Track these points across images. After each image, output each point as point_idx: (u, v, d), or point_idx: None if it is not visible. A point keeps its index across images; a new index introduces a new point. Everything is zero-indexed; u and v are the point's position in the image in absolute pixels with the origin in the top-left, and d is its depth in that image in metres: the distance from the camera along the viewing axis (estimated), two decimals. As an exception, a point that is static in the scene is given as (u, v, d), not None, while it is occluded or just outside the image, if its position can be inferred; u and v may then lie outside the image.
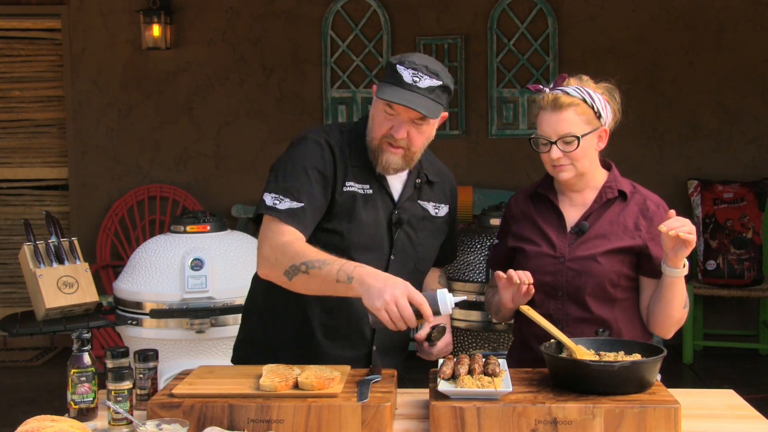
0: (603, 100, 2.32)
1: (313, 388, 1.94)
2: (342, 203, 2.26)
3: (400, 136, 2.21)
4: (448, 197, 2.46)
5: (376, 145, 2.25)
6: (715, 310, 6.00)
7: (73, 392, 1.99)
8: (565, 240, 2.35)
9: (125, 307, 3.95)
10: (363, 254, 2.24)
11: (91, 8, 6.34)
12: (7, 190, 6.60)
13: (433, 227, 2.39)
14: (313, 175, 2.22)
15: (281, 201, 2.19)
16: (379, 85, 2.23)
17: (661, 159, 6.21)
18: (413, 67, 2.19)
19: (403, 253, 2.32)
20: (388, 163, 2.25)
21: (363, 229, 2.27)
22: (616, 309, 2.34)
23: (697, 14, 6.17)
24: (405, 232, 2.33)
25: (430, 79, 2.20)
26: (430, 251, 2.41)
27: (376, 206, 2.29)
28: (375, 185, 2.30)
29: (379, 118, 2.24)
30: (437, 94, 2.21)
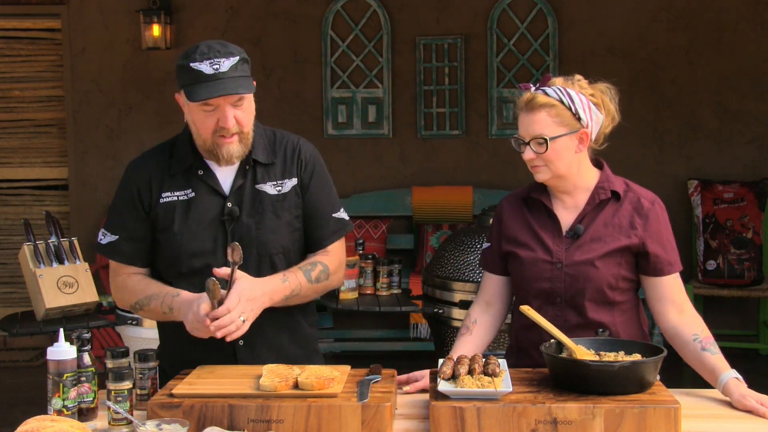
0: (586, 101, 2.27)
1: (313, 388, 1.94)
2: (162, 215, 2.31)
3: (230, 124, 2.20)
4: (293, 171, 2.36)
5: (210, 143, 2.25)
6: (715, 310, 6.00)
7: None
8: (561, 245, 2.32)
9: (125, 307, 3.95)
10: (197, 257, 2.28)
11: (91, 8, 6.35)
12: (7, 190, 6.60)
13: (274, 207, 2.32)
14: (124, 205, 2.34)
15: (105, 236, 2.37)
16: (184, 90, 2.22)
17: (661, 159, 6.21)
18: (206, 57, 2.18)
19: (242, 244, 2.24)
20: (230, 154, 2.25)
21: (189, 234, 2.29)
22: (615, 312, 2.33)
23: (697, 14, 6.17)
24: (241, 221, 2.29)
25: (227, 59, 2.20)
26: (276, 233, 2.31)
27: (201, 207, 2.30)
28: (198, 187, 2.31)
29: (200, 118, 2.23)
30: (241, 69, 2.22)
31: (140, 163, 2.38)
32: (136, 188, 2.33)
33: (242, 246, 2.22)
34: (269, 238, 2.31)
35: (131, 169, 2.38)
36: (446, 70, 6.31)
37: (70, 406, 1.97)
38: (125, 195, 2.35)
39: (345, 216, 2.44)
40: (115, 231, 2.34)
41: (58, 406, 1.95)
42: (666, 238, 2.31)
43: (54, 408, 1.95)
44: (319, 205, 2.38)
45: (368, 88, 6.35)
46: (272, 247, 2.32)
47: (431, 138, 6.30)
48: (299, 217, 2.36)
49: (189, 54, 2.21)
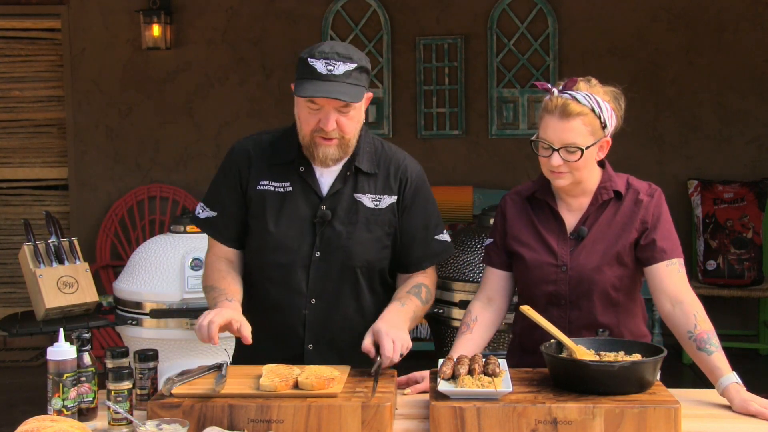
0: (610, 108, 2.26)
1: (313, 388, 1.94)
2: (255, 202, 2.32)
3: (330, 128, 2.20)
4: (395, 188, 2.35)
5: (308, 141, 2.25)
6: (715, 310, 5.96)
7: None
8: (566, 247, 2.31)
9: (125, 307, 3.95)
10: (281, 252, 2.29)
11: (91, 8, 6.34)
12: (7, 190, 6.60)
13: (368, 220, 2.31)
14: (225, 183, 2.36)
15: (203, 210, 2.40)
16: (296, 82, 2.22)
17: (661, 159, 6.20)
18: (325, 57, 2.19)
19: (328, 249, 2.28)
20: (325, 156, 2.25)
21: (280, 227, 2.29)
22: (618, 312, 2.33)
23: (697, 14, 6.17)
24: (333, 227, 2.29)
25: (344, 64, 2.19)
26: (362, 246, 2.30)
27: (295, 203, 2.30)
28: (297, 182, 2.31)
29: (304, 114, 2.23)
30: (355, 77, 2.21)
31: (246, 144, 2.38)
32: (237, 168, 2.34)
33: (329, 251, 2.27)
34: (357, 250, 2.30)
35: (236, 149, 2.38)
36: (446, 70, 6.31)
37: (70, 406, 1.97)
38: (228, 173, 2.36)
39: (448, 239, 2.43)
40: (215, 207, 2.37)
41: (58, 406, 1.95)
42: (662, 225, 2.29)
43: (54, 408, 1.95)
44: (422, 226, 2.37)
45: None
46: (358, 259, 2.31)
47: (431, 138, 6.30)
48: (390, 235, 2.34)
49: (312, 49, 2.22)
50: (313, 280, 2.29)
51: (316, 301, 2.31)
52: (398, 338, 2.14)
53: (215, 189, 2.38)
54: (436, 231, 2.40)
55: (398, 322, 2.21)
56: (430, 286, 2.39)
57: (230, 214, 2.34)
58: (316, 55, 2.19)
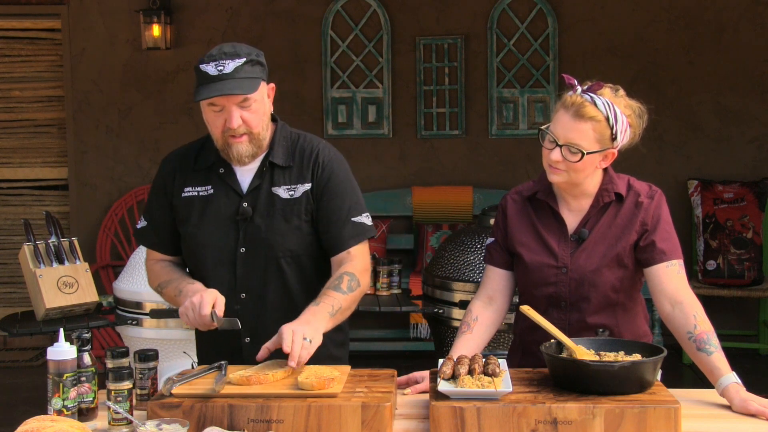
0: (626, 122, 2.25)
1: (313, 388, 1.94)
2: (181, 209, 2.40)
3: (236, 124, 2.26)
4: (308, 175, 2.37)
5: (222, 143, 2.32)
6: (715, 310, 5.98)
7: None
8: (566, 249, 2.31)
9: (125, 307, 3.95)
10: (210, 251, 2.37)
11: (91, 8, 6.34)
12: (7, 190, 6.60)
13: (284, 211, 2.35)
14: (155, 195, 2.46)
15: (140, 221, 2.51)
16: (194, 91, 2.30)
17: (661, 159, 6.21)
18: (213, 59, 2.27)
19: (252, 244, 2.35)
20: (239, 154, 2.32)
21: (204, 228, 2.37)
22: (618, 313, 2.33)
23: (697, 14, 6.18)
24: (254, 222, 2.35)
25: (233, 61, 2.26)
26: (281, 237, 2.34)
27: (217, 204, 2.37)
28: (218, 184, 2.38)
29: (211, 118, 2.31)
30: (247, 71, 2.27)
31: (171, 157, 2.49)
32: (163, 180, 2.44)
33: (252, 247, 2.34)
34: (277, 241, 2.34)
35: (164, 161, 2.49)
36: (446, 70, 6.31)
37: (70, 406, 1.97)
38: (156, 185, 2.47)
39: (367, 221, 2.42)
40: (146, 218, 2.48)
41: (58, 406, 1.95)
42: (661, 227, 2.29)
43: (54, 408, 1.95)
44: (336, 209, 2.37)
45: (368, 88, 6.35)
46: (279, 249, 2.35)
47: (431, 138, 6.30)
48: (309, 222, 2.37)
49: (203, 56, 2.30)
50: (240, 275, 2.36)
51: (245, 296, 2.37)
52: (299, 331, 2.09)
53: (148, 200, 2.50)
54: (352, 213, 2.39)
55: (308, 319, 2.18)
56: (355, 272, 2.33)
57: (159, 223, 2.45)
58: (205, 61, 2.28)
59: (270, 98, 2.37)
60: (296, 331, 2.10)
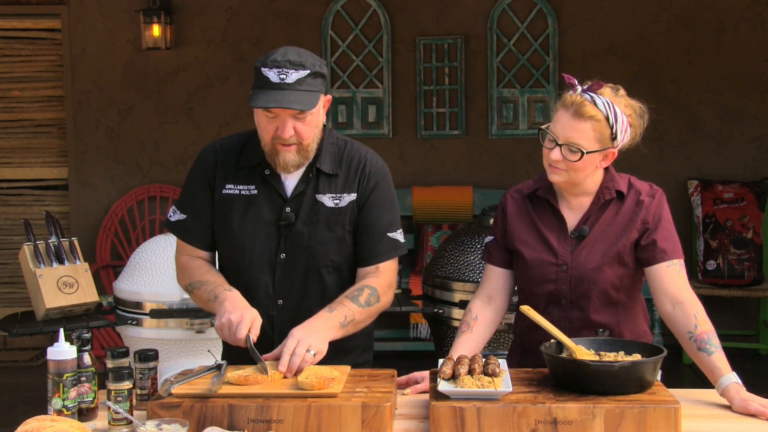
0: (626, 122, 2.25)
1: (313, 388, 1.94)
2: (220, 205, 2.35)
3: (287, 135, 2.22)
4: (354, 186, 2.35)
5: (270, 148, 2.28)
6: (715, 310, 5.99)
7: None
8: (566, 246, 2.31)
9: (125, 307, 3.95)
10: (250, 254, 2.32)
11: (91, 8, 6.34)
12: (7, 190, 6.60)
13: (328, 220, 2.32)
14: (196, 186, 2.38)
15: (174, 213, 2.42)
16: (251, 92, 2.25)
17: (661, 159, 6.21)
18: (276, 66, 2.21)
19: (293, 250, 2.31)
20: (285, 163, 2.27)
21: (245, 230, 2.32)
22: (619, 312, 2.33)
23: (697, 14, 6.18)
24: (297, 229, 2.31)
25: (296, 71, 2.21)
26: (324, 246, 2.32)
27: (260, 206, 2.32)
28: (262, 186, 2.33)
29: (263, 123, 2.26)
30: (309, 84, 2.22)
31: (213, 148, 2.41)
32: (205, 171, 2.37)
33: (293, 253, 2.30)
34: (319, 250, 2.32)
35: (205, 152, 2.41)
36: (446, 70, 6.31)
37: (70, 406, 1.97)
38: (197, 176, 2.38)
39: (401, 238, 2.40)
40: (185, 210, 2.39)
41: (58, 406, 1.95)
42: (663, 226, 2.29)
43: (54, 408, 1.95)
44: (375, 222, 2.35)
45: (368, 88, 6.35)
46: (320, 259, 2.33)
47: (431, 138, 6.30)
48: (353, 233, 2.35)
49: (266, 57, 2.24)
50: (279, 281, 2.32)
51: (283, 302, 2.33)
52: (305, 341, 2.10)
53: (185, 192, 2.41)
54: (390, 228, 2.37)
55: (318, 327, 2.17)
56: (378, 287, 2.32)
57: (201, 217, 2.37)
58: (268, 65, 2.21)
59: (325, 109, 2.32)
60: (302, 342, 2.09)
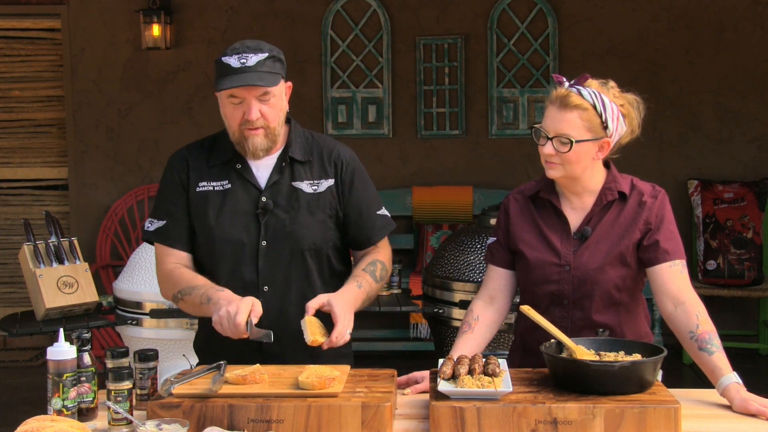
0: (617, 111, 2.26)
1: (314, 387, 1.94)
2: (196, 204, 2.39)
3: (254, 116, 2.29)
4: (330, 172, 2.44)
5: (238, 135, 2.34)
6: (715, 310, 5.96)
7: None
8: (569, 246, 2.31)
9: (125, 307, 3.95)
10: (229, 245, 2.36)
11: (91, 8, 6.34)
12: (7, 190, 6.60)
13: (309, 205, 2.39)
14: (169, 191, 2.43)
15: (152, 223, 2.44)
16: (215, 82, 2.32)
17: (661, 159, 6.21)
18: (236, 52, 2.30)
19: (274, 237, 2.36)
20: (254, 146, 2.33)
21: (223, 223, 2.36)
22: (620, 312, 2.33)
23: (697, 14, 6.18)
24: (276, 216, 2.36)
25: (255, 55, 2.29)
26: (307, 230, 2.38)
27: (235, 199, 2.37)
28: (236, 179, 2.39)
29: (229, 110, 2.33)
30: (269, 66, 2.31)
31: (182, 152, 2.47)
32: (178, 176, 2.42)
33: (275, 240, 2.34)
34: (303, 234, 2.37)
35: (174, 158, 2.47)
36: (446, 70, 6.31)
37: (70, 406, 1.97)
38: (170, 180, 2.44)
39: (387, 213, 2.54)
40: (163, 216, 2.42)
41: (58, 406, 1.95)
42: (665, 227, 2.30)
43: (54, 408, 1.95)
44: (365, 204, 2.46)
45: (368, 88, 6.35)
46: (304, 242, 2.38)
47: (431, 138, 6.30)
48: (332, 218, 2.42)
49: (226, 49, 2.33)
50: (263, 268, 2.36)
51: (268, 289, 2.36)
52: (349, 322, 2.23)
53: (160, 200, 2.45)
54: (378, 207, 2.50)
55: (352, 303, 2.29)
56: (386, 262, 2.47)
57: (179, 220, 2.41)
58: (228, 53, 2.31)
59: (287, 96, 2.41)
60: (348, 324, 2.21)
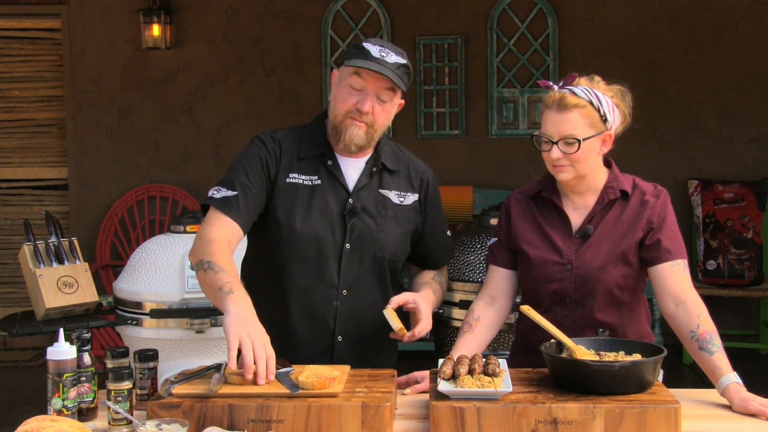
0: (611, 103, 2.28)
1: (314, 387, 1.94)
2: (284, 194, 2.32)
3: (367, 109, 2.26)
4: (417, 187, 2.45)
5: (340, 120, 2.30)
6: (715, 310, 5.95)
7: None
8: (571, 245, 2.32)
9: (125, 307, 3.95)
10: (310, 242, 2.30)
11: (91, 8, 6.34)
12: (7, 190, 6.60)
13: (396, 215, 2.39)
14: (250, 167, 2.32)
15: (219, 191, 2.30)
16: (345, 61, 2.30)
17: (661, 159, 6.20)
18: (378, 44, 2.28)
19: (359, 241, 2.33)
20: (351, 138, 2.30)
21: (307, 218, 2.31)
22: (622, 311, 2.33)
23: (697, 14, 6.18)
24: (362, 220, 2.34)
25: (396, 55, 2.28)
26: (392, 239, 2.38)
27: (324, 196, 2.33)
28: (325, 176, 2.35)
29: (344, 93, 2.29)
30: (402, 72, 2.29)
31: (273, 137, 2.40)
32: (266, 157, 2.34)
33: (359, 244, 2.33)
34: (388, 243, 2.37)
35: (263, 138, 2.39)
36: (446, 70, 6.31)
37: (70, 406, 1.97)
38: (254, 158, 2.33)
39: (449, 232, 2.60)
40: (236, 187, 2.29)
41: (58, 406, 1.95)
42: (667, 226, 2.31)
43: (54, 408, 1.95)
44: (440, 226, 2.51)
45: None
46: (388, 251, 2.38)
47: (431, 138, 6.30)
48: (411, 233, 2.43)
49: (365, 39, 2.35)
50: (345, 271, 2.33)
51: (347, 293, 2.35)
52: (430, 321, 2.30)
53: (236, 172, 2.32)
54: (446, 229, 2.57)
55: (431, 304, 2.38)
56: (445, 279, 2.55)
57: (252, 196, 2.29)
58: (372, 42, 2.29)
59: (396, 111, 2.39)
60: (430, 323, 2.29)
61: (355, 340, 2.35)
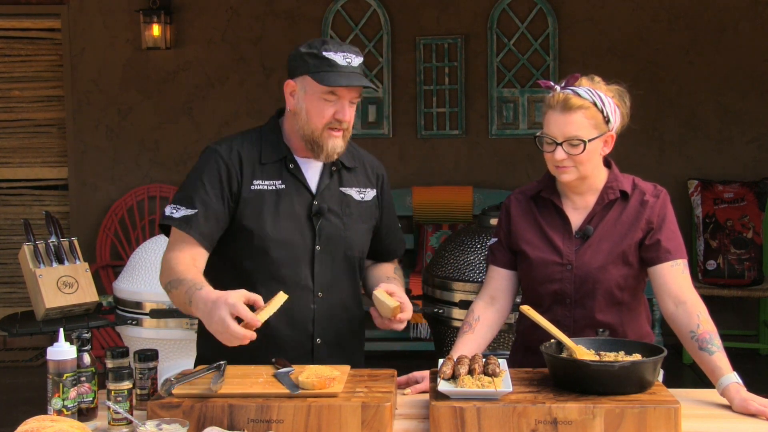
0: (613, 104, 2.28)
1: (314, 387, 1.94)
2: (250, 203, 2.29)
3: (348, 118, 2.28)
4: (374, 182, 2.47)
5: (319, 134, 2.27)
6: (715, 310, 5.95)
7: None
8: (571, 245, 2.32)
9: (125, 307, 3.95)
10: (282, 248, 2.29)
11: (91, 8, 6.34)
12: (7, 190, 6.60)
13: (360, 212, 2.40)
14: (209, 182, 2.27)
15: (177, 210, 2.26)
16: (313, 76, 2.23)
17: (661, 159, 6.21)
18: (339, 50, 2.25)
19: (328, 242, 2.34)
20: (333, 149, 2.29)
21: (277, 224, 2.29)
22: (622, 311, 2.33)
23: (697, 14, 6.18)
24: (328, 220, 2.34)
25: (357, 57, 2.29)
26: (360, 236, 2.40)
27: (290, 200, 2.32)
28: (288, 180, 2.33)
29: (319, 107, 2.25)
30: (363, 69, 2.32)
31: (232, 146, 2.34)
32: (226, 169, 2.29)
33: (328, 245, 2.32)
34: (356, 240, 2.39)
35: (221, 149, 2.32)
36: (446, 70, 6.31)
37: (70, 406, 1.97)
38: (212, 173, 2.28)
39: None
40: (194, 205, 2.24)
41: (58, 406, 1.95)
42: (667, 226, 2.31)
43: (54, 408, 1.95)
44: (393, 219, 2.53)
45: (368, 87, 6.34)
46: (356, 249, 2.40)
47: (431, 138, 6.30)
48: (373, 228, 2.46)
49: (317, 44, 2.26)
50: (318, 273, 2.33)
51: (322, 294, 2.34)
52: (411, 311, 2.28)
53: (193, 188, 2.27)
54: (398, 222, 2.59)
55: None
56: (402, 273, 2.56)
57: (213, 212, 2.25)
58: (330, 49, 2.24)
59: None
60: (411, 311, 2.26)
61: (331, 341, 2.34)
